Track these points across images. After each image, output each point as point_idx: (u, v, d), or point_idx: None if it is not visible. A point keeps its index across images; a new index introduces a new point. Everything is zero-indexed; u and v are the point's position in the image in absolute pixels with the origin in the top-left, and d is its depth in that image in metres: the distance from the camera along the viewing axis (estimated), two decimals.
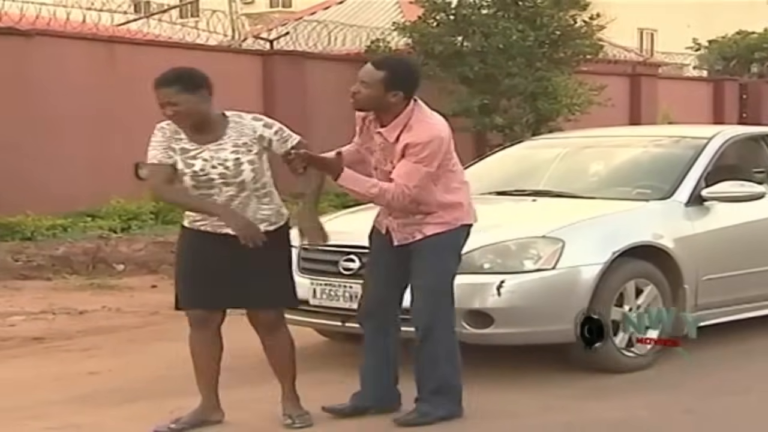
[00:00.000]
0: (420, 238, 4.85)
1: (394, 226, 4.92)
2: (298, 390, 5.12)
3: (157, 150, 4.67)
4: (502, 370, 5.78)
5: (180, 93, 4.59)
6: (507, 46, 15.29)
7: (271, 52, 15.78)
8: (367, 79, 4.79)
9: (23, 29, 12.34)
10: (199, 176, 4.66)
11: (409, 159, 4.72)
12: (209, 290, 4.78)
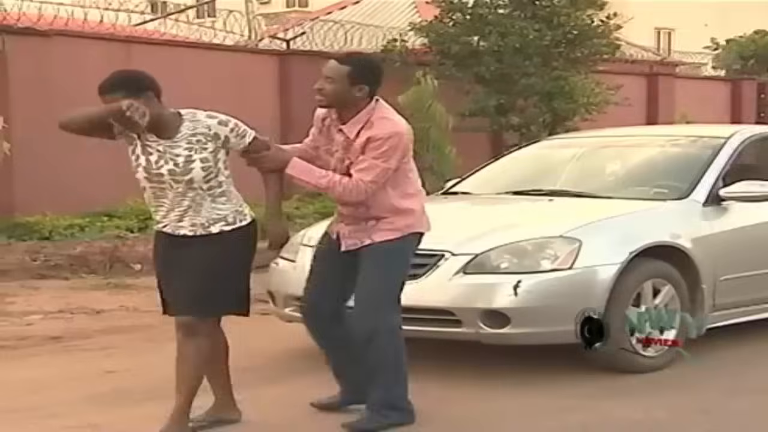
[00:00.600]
0: (368, 243, 4.81)
1: (345, 232, 4.88)
2: (315, 390, 5.10)
3: None
4: (518, 371, 5.77)
5: (125, 99, 4.40)
6: (523, 46, 15.26)
7: (287, 52, 15.80)
8: (333, 74, 4.78)
9: (41, 29, 12.40)
10: (151, 170, 4.52)
11: (368, 154, 4.71)
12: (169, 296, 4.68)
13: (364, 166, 4.71)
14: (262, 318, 7.48)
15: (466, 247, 5.71)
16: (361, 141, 4.73)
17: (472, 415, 5.11)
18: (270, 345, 6.62)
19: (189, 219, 4.58)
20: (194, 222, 4.58)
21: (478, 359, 5.88)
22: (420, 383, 5.56)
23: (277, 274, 6.39)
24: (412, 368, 5.80)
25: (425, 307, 5.60)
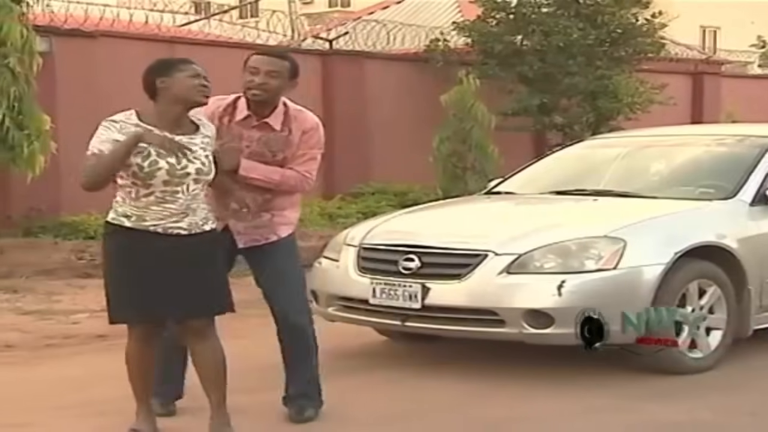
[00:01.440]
0: (275, 239, 4.86)
1: (239, 228, 4.83)
2: (360, 390, 5.10)
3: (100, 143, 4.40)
4: (561, 371, 5.74)
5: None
6: (567, 45, 15.17)
7: (330, 51, 15.83)
8: (277, 68, 4.82)
9: (87, 30, 12.52)
10: (176, 171, 4.39)
11: (306, 146, 4.84)
12: (159, 300, 4.44)
13: (306, 158, 4.83)
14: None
15: (510, 246, 5.68)
16: (298, 134, 4.83)
17: (515, 415, 5.09)
18: None
19: (189, 218, 4.44)
20: (192, 221, 4.46)
21: (521, 359, 5.85)
22: (462, 383, 5.57)
23: (320, 273, 6.40)
24: (455, 368, 5.80)
25: (468, 307, 5.60)
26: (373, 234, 6.24)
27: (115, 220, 4.47)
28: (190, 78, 4.50)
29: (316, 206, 13.84)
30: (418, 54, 16.17)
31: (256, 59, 4.86)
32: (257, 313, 8.13)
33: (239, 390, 5.46)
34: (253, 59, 4.88)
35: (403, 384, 5.67)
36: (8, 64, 9.31)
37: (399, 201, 13.91)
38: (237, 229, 4.84)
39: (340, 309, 6.18)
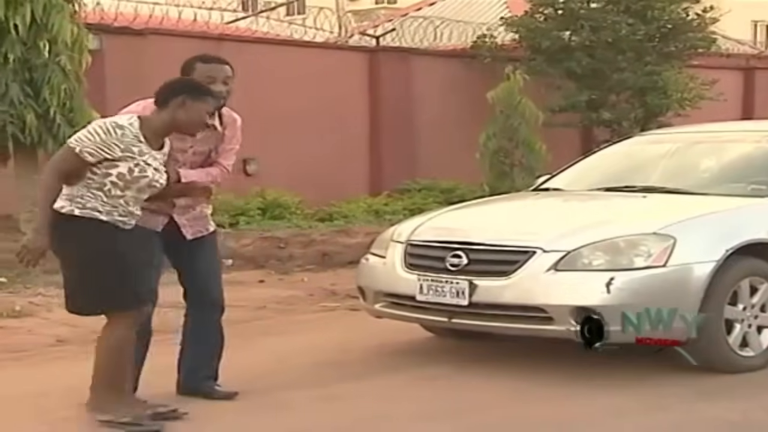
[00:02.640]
0: (212, 230, 5.31)
1: (184, 221, 5.16)
2: (406, 386, 5.08)
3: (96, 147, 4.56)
4: (611, 369, 5.69)
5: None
6: (616, 41, 15.05)
7: (377, 48, 15.83)
8: (229, 74, 5.15)
9: (137, 28, 12.63)
10: (155, 181, 4.69)
11: (228, 142, 5.21)
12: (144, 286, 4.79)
13: (232, 152, 5.26)
14: (351, 313, 7.55)
15: (558, 243, 5.65)
16: (229, 131, 5.20)
17: (564, 414, 5.06)
18: (360, 341, 6.64)
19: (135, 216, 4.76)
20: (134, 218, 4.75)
21: (569, 357, 5.81)
22: (511, 382, 5.54)
23: (366, 269, 6.41)
24: (501, 366, 5.78)
25: (516, 304, 5.57)
26: (420, 230, 6.23)
27: (87, 213, 4.61)
28: (205, 114, 4.77)
29: (362, 203, 13.87)
30: (465, 50, 16.12)
31: (210, 68, 5.10)
32: (304, 310, 8.22)
33: (288, 386, 5.51)
34: (205, 68, 5.10)
35: (448, 381, 5.66)
36: (59, 62, 9.42)
37: (445, 198, 13.89)
38: (182, 222, 5.16)
39: (387, 305, 6.18)
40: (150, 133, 4.66)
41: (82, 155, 4.55)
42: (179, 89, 4.73)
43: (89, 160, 4.56)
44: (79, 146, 4.55)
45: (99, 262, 4.63)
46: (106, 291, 4.65)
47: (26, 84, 9.43)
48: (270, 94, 13.45)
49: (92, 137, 4.55)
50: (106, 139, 4.55)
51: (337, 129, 14.55)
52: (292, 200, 13.08)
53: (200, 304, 5.27)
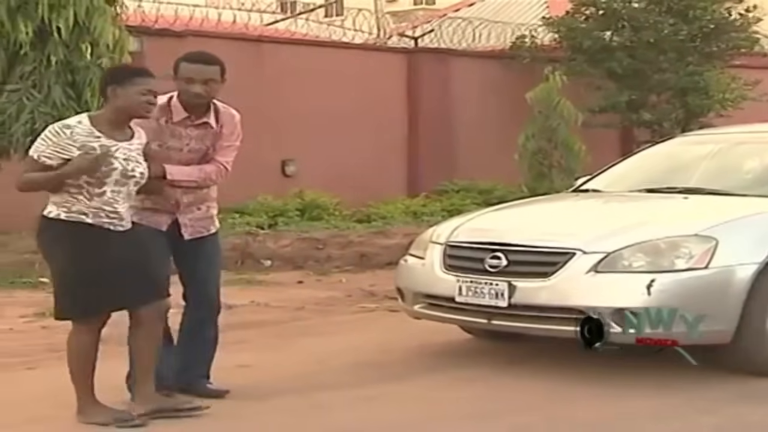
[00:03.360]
0: (213, 231, 5.33)
1: (185, 221, 5.20)
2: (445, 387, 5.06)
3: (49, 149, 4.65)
4: (651, 371, 5.65)
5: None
6: (658, 41, 14.94)
7: (415, 49, 15.83)
8: (213, 76, 5.10)
9: (177, 30, 12.71)
10: (126, 172, 4.72)
11: (229, 138, 5.23)
12: (116, 291, 4.71)
13: (230, 149, 5.25)
14: (390, 315, 7.55)
15: (598, 245, 5.61)
16: (226, 128, 5.20)
17: (604, 416, 5.02)
18: (399, 342, 6.64)
19: (126, 215, 4.79)
20: (125, 217, 4.78)
21: (609, 359, 5.77)
22: (550, 383, 5.52)
23: (405, 270, 6.40)
24: (540, 367, 5.75)
25: (555, 305, 5.54)
26: (459, 232, 6.22)
27: (72, 216, 4.67)
28: (140, 94, 4.75)
29: (400, 204, 13.87)
30: (503, 51, 16.07)
31: (190, 69, 5.11)
32: (342, 311, 8.22)
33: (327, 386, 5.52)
34: (186, 69, 5.13)
35: (487, 382, 5.64)
36: (100, 64, 9.50)
37: (484, 199, 13.85)
38: (183, 222, 5.20)
39: (426, 307, 6.17)
40: (104, 127, 4.73)
41: (41, 161, 4.67)
42: (108, 80, 4.86)
43: (50, 163, 4.66)
44: (36, 153, 4.69)
45: (70, 266, 4.69)
46: (71, 296, 4.71)
47: (68, 86, 9.51)
48: (308, 95, 13.48)
49: (45, 142, 4.69)
50: (58, 141, 4.66)
51: (376, 130, 14.56)
52: (331, 201, 13.11)
53: (197, 303, 5.30)
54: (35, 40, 9.36)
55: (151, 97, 4.79)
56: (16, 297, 8.48)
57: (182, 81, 5.08)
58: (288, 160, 13.63)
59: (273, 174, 13.33)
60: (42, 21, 9.30)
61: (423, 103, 15.07)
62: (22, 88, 9.40)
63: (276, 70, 13.19)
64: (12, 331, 7.19)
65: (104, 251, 4.68)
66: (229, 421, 4.92)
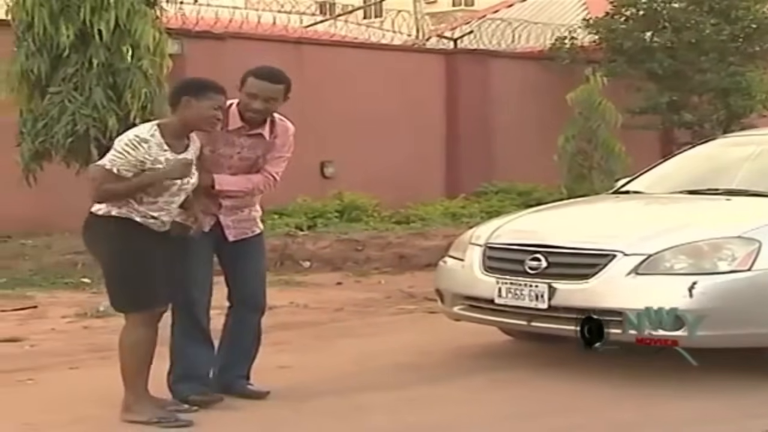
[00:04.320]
0: (258, 232, 5.37)
1: (228, 223, 5.25)
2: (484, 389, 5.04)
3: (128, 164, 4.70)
4: (694, 375, 5.58)
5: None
6: (699, 41, 14.82)
7: (454, 50, 15.82)
8: (274, 95, 5.15)
9: (217, 33, 12.80)
10: (185, 184, 4.83)
11: (282, 150, 5.28)
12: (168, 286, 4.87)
13: (281, 160, 5.29)
14: (429, 316, 7.54)
15: (639, 247, 5.57)
16: (280, 140, 5.25)
17: (646, 419, 4.98)
18: (438, 343, 6.63)
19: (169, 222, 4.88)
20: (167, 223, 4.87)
21: (652, 360, 5.72)
22: (587, 385, 5.49)
23: (445, 272, 6.39)
24: (580, 369, 5.71)
25: (596, 308, 5.50)
26: (499, 233, 6.20)
27: (123, 213, 4.75)
28: (211, 108, 4.83)
29: (439, 205, 13.86)
30: (542, 52, 16.02)
31: (255, 84, 5.14)
32: (381, 312, 8.23)
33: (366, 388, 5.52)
34: (252, 84, 5.13)
35: (526, 384, 5.62)
36: (141, 66, 9.57)
37: (522, 200, 13.81)
38: (226, 224, 5.25)
39: (466, 308, 6.15)
40: (171, 138, 4.78)
41: (120, 174, 4.71)
42: (182, 90, 4.88)
43: (128, 176, 4.71)
44: (114, 166, 4.71)
45: (124, 261, 4.77)
46: (127, 290, 4.79)
47: (109, 88, 9.59)
48: (348, 96, 13.51)
49: (123, 156, 4.71)
50: (137, 155, 4.70)
51: (414, 131, 14.56)
52: (369, 203, 13.12)
53: (241, 304, 5.35)
54: (77, 43, 9.45)
55: (219, 113, 4.87)
56: (58, 297, 8.57)
57: (245, 95, 5.11)
58: (327, 162, 13.67)
59: (312, 175, 13.37)
60: (84, 24, 9.39)
61: (462, 105, 15.05)
62: (64, 91, 9.49)
63: (315, 72, 13.22)
64: (54, 331, 7.26)
65: (154, 248, 4.78)
66: (270, 422, 4.94)
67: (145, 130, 4.78)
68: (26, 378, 5.82)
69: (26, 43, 9.51)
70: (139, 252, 4.75)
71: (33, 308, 8.06)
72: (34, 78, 9.52)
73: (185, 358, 5.16)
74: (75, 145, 9.56)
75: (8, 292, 8.66)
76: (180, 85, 4.96)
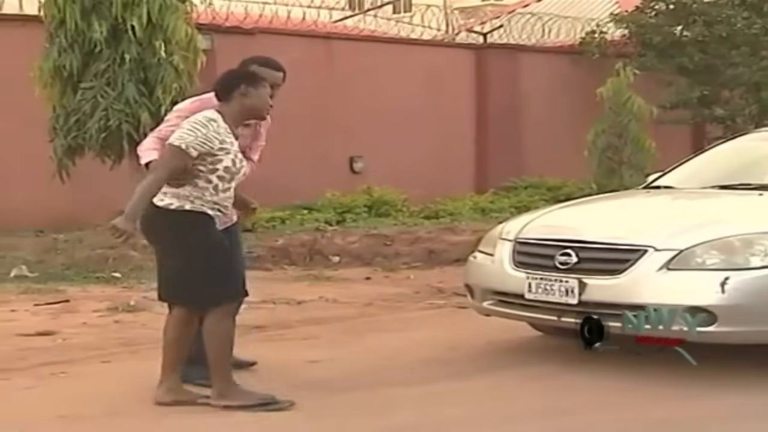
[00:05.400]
0: (236, 220, 5.47)
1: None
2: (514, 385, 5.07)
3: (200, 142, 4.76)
4: (725, 371, 5.56)
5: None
6: (730, 35, 14.72)
7: (484, 45, 15.78)
8: (278, 81, 5.38)
9: (247, 28, 12.83)
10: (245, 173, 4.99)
11: (261, 138, 5.52)
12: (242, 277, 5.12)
13: (259, 148, 5.54)
14: (458, 311, 7.53)
15: (671, 242, 5.54)
16: (260, 127, 5.45)
17: (675, 416, 4.95)
18: (468, 339, 6.62)
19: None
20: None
21: (681, 359, 5.69)
22: (620, 382, 5.46)
23: (474, 267, 6.38)
24: (610, 366, 5.68)
25: (627, 303, 5.47)
26: (528, 228, 6.18)
27: (197, 208, 4.83)
28: (268, 96, 4.99)
29: (468, 200, 13.84)
30: (572, 47, 15.95)
31: (263, 72, 5.25)
32: (410, 307, 8.23)
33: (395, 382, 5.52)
34: (260, 72, 5.22)
35: (556, 380, 5.60)
36: (172, 62, 9.62)
37: (552, 196, 13.77)
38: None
39: (495, 303, 6.14)
40: (229, 126, 4.89)
41: (188, 150, 4.73)
42: (239, 79, 4.97)
43: (193, 154, 4.74)
44: (184, 143, 4.75)
45: (211, 255, 4.83)
46: (217, 284, 4.84)
47: (141, 83, 9.65)
48: (377, 92, 13.51)
49: (194, 132, 4.77)
50: (206, 133, 4.77)
51: (444, 126, 14.54)
52: (398, 198, 13.13)
53: None
54: (109, 39, 9.52)
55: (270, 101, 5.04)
56: (89, 292, 8.63)
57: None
58: (356, 157, 13.68)
59: (341, 171, 13.39)
60: (116, 19, 9.46)
61: (491, 100, 15.02)
62: (97, 86, 9.56)
63: (345, 67, 13.24)
64: (86, 326, 7.31)
65: (225, 241, 4.95)
66: (297, 415, 4.95)
67: (210, 113, 4.87)
68: (59, 371, 5.86)
69: (58, 40, 9.59)
70: (220, 245, 4.89)
71: (65, 302, 8.12)
72: (66, 74, 9.60)
73: (195, 342, 5.18)
74: (108, 141, 9.64)
75: (41, 287, 8.74)
76: (234, 75, 5.03)
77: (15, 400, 5.30)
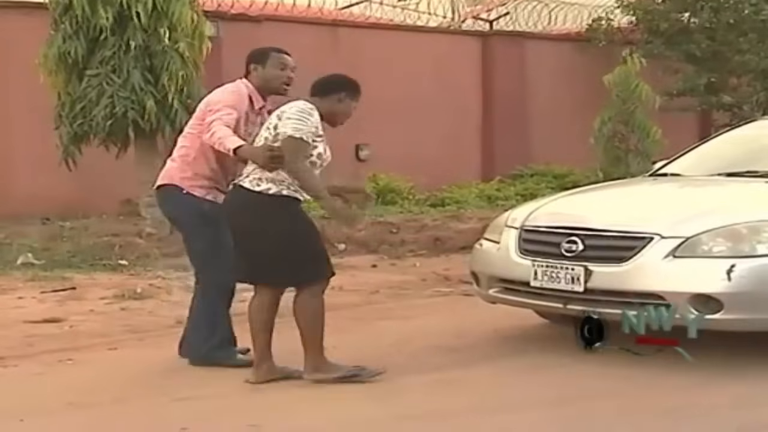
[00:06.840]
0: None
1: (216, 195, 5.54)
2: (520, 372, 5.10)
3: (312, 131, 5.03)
4: (731, 359, 5.56)
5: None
6: (738, 22, 14.68)
7: (490, 32, 15.75)
8: (295, 65, 5.57)
9: (252, 15, 12.81)
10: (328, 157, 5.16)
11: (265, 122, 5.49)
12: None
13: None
14: (464, 299, 7.54)
15: (677, 229, 5.53)
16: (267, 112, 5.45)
17: (681, 404, 4.95)
18: (474, 326, 6.63)
19: None
20: None
21: (687, 346, 5.69)
22: (627, 370, 5.46)
23: (480, 255, 6.38)
24: (618, 354, 5.68)
25: (633, 290, 5.47)
26: (534, 216, 6.18)
27: (293, 193, 5.07)
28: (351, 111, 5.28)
29: (474, 188, 13.83)
30: (579, 34, 15.91)
31: (282, 58, 5.53)
32: (416, 295, 8.24)
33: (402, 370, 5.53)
34: (279, 58, 5.52)
35: (561, 368, 5.60)
36: (178, 49, 9.62)
37: (558, 183, 13.76)
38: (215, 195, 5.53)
39: (501, 291, 6.15)
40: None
41: (308, 140, 5.00)
42: (342, 85, 5.28)
43: (310, 142, 5.02)
44: (306, 135, 5.00)
45: (312, 236, 5.18)
46: (316, 262, 5.17)
47: (146, 71, 9.65)
48: (383, 79, 13.49)
49: (308, 120, 5.04)
50: (315, 121, 5.05)
51: (450, 114, 14.53)
52: (405, 185, 13.12)
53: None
54: (115, 26, 9.51)
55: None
56: (96, 279, 8.65)
57: (275, 69, 5.47)
58: (362, 145, 13.67)
59: (347, 158, 13.37)
60: (121, 6, 9.45)
61: (498, 87, 15.00)
62: (102, 73, 9.56)
63: (350, 54, 13.21)
64: (93, 313, 7.33)
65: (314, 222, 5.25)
66: (303, 402, 4.96)
67: (308, 104, 5.12)
68: (66, 358, 5.89)
69: (63, 26, 9.59)
70: (314, 226, 5.21)
71: (71, 289, 8.14)
72: (71, 61, 9.60)
73: (224, 326, 5.53)
74: (113, 128, 9.64)
75: (47, 274, 8.76)
76: (341, 79, 5.36)
77: (22, 387, 5.32)
